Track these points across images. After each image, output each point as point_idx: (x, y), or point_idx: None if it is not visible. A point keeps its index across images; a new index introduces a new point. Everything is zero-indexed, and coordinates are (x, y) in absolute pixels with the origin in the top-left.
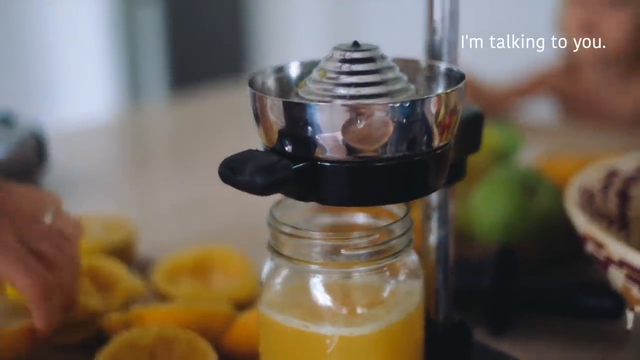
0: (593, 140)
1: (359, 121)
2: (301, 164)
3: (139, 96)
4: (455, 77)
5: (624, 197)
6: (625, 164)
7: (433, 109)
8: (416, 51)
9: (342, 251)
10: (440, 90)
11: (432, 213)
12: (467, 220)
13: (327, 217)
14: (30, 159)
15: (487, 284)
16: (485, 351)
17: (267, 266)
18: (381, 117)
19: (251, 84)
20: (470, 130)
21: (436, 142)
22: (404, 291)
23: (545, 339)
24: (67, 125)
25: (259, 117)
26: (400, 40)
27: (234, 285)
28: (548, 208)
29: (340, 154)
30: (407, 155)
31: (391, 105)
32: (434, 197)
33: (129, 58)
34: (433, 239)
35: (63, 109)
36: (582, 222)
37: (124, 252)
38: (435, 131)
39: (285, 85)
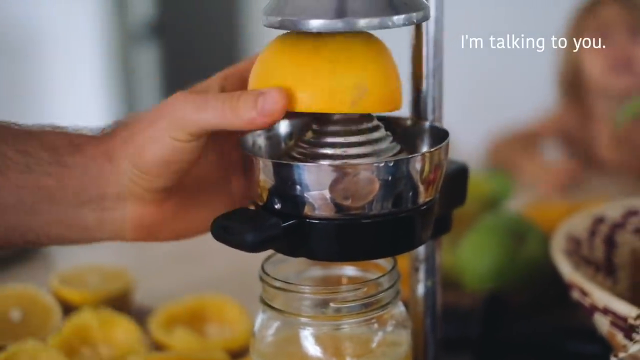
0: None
1: (345, 180)
2: (290, 222)
3: None
4: (439, 135)
5: (610, 243)
6: (611, 210)
7: (418, 167)
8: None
9: (331, 304)
10: (425, 148)
11: (420, 265)
12: (457, 268)
13: (318, 270)
14: None
15: (477, 331)
16: None
17: (259, 318)
18: (367, 176)
19: (242, 144)
20: (455, 184)
21: (421, 199)
22: (391, 341)
23: None
24: None
25: (250, 176)
26: None
27: (229, 334)
28: (537, 255)
29: (328, 212)
30: (393, 212)
31: (376, 164)
32: (421, 250)
33: (125, 96)
34: (421, 289)
35: None
36: (567, 270)
37: (121, 302)
38: (420, 188)
39: (275, 145)
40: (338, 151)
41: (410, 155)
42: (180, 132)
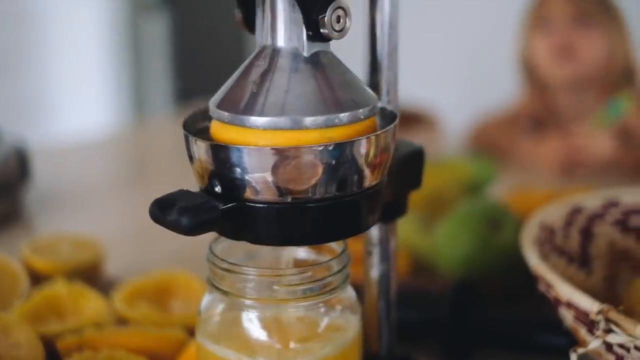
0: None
1: (286, 164)
2: (229, 205)
3: (143, 109)
4: (388, 117)
5: (587, 234)
6: (591, 200)
7: (362, 150)
8: None
9: (276, 287)
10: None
11: (373, 249)
12: (432, 253)
13: (269, 252)
14: (12, 174)
15: (444, 316)
16: None
17: (205, 298)
18: (310, 159)
19: (185, 125)
20: (410, 167)
21: (367, 182)
22: (339, 326)
23: None
24: (62, 139)
25: (191, 158)
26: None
27: (192, 311)
28: (511, 243)
29: (269, 196)
30: (338, 196)
31: (319, 147)
32: (375, 234)
33: (133, 70)
34: (375, 273)
35: (64, 122)
36: (534, 261)
37: (91, 272)
38: (366, 171)
39: None
40: None
41: (355, 138)
42: None
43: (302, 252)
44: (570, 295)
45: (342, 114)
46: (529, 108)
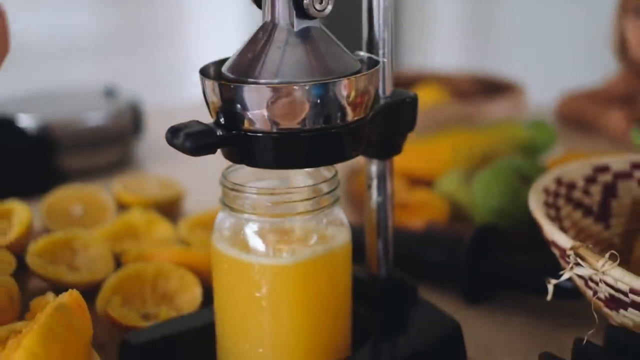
0: None
1: (279, 99)
2: (225, 133)
3: None
4: (372, 64)
5: (610, 190)
6: (617, 162)
7: (343, 90)
8: None
9: (272, 204)
10: None
11: (372, 182)
12: (468, 203)
13: (274, 181)
14: (126, 127)
15: (463, 258)
16: (425, 307)
17: (219, 215)
18: (298, 95)
19: (201, 70)
20: (404, 111)
21: (349, 118)
22: (327, 238)
23: (511, 311)
24: (178, 101)
25: (204, 96)
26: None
27: None
28: None
29: (264, 126)
30: (324, 128)
31: (307, 86)
32: (374, 169)
33: None
34: (373, 204)
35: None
36: (532, 204)
37: (170, 208)
38: (348, 108)
39: None
40: None
41: (336, 79)
42: None
43: (301, 181)
44: (552, 234)
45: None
46: (620, 87)
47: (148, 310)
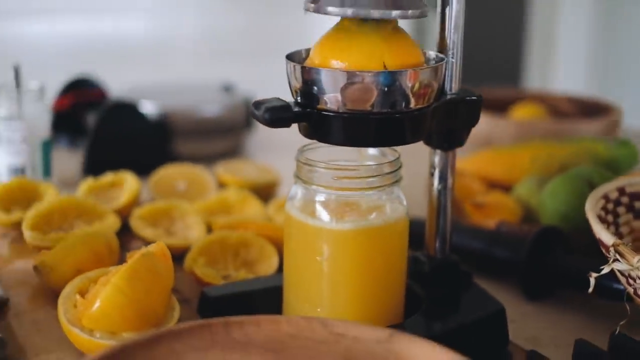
0: None
1: (351, 84)
2: (299, 109)
3: None
4: (437, 61)
5: None
6: None
7: (409, 81)
8: None
9: (336, 178)
10: None
11: (434, 171)
12: (538, 207)
13: (343, 161)
14: (239, 119)
15: (523, 255)
16: (475, 290)
17: (292, 188)
18: (368, 82)
19: (287, 56)
20: (469, 108)
21: (412, 105)
22: (385, 211)
23: (566, 309)
24: None
25: (288, 78)
26: None
27: None
28: None
29: (335, 107)
30: (389, 112)
31: (375, 74)
32: (437, 159)
33: None
34: (434, 191)
35: None
36: (587, 206)
37: (266, 191)
38: (411, 97)
39: None
40: None
41: (402, 70)
42: None
43: (367, 161)
44: (598, 232)
45: (394, 11)
46: None
47: (229, 272)
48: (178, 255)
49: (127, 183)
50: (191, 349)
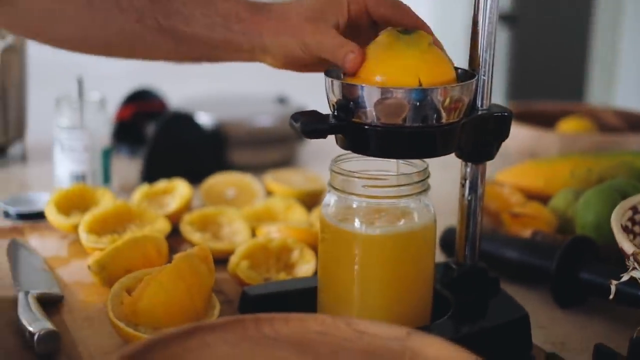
0: None
1: (384, 99)
2: (334, 122)
3: None
4: (469, 77)
5: None
6: None
7: (440, 97)
8: None
9: (367, 186)
10: None
11: (465, 182)
12: (573, 218)
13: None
14: (292, 131)
15: (554, 263)
16: (501, 296)
17: (327, 196)
18: (400, 97)
19: (326, 72)
20: (499, 123)
21: (443, 120)
22: (414, 218)
23: (594, 316)
24: None
25: (326, 92)
26: None
27: None
28: None
29: (370, 120)
30: (420, 127)
31: (408, 91)
32: (468, 170)
33: None
34: (465, 201)
35: None
36: (613, 217)
37: (312, 198)
38: (443, 112)
39: None
40: None
41: (434, 87)
42: (305, 53)
43: (397, 171)
44: (621, 242)
45: None
46: None
47: (270, 275)
48: (224, 259)
49: (179, 190)
50: (223, 342)
